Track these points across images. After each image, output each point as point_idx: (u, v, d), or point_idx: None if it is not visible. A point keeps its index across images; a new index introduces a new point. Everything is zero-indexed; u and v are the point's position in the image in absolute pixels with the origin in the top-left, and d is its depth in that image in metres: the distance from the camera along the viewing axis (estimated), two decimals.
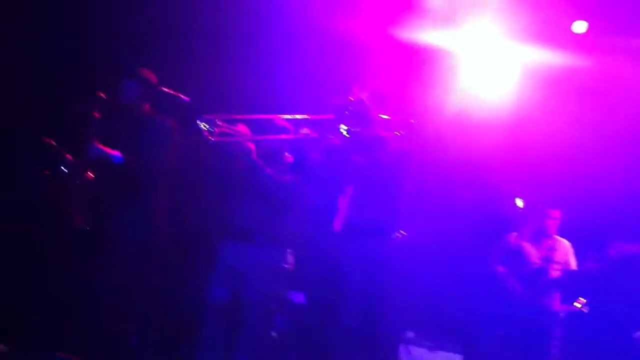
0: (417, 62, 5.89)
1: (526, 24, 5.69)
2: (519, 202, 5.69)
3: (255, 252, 4.36)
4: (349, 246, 4.62)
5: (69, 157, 4.53)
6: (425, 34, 5.84)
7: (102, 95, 4.55)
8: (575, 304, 5.63)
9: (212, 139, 4.19)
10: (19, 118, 5.34)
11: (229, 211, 4.47)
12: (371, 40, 5.91)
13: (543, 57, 5.75)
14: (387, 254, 4.66)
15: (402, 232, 4.67)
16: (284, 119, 4.42)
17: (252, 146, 4.37)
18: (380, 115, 4.65)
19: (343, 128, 4.36)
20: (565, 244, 5.86)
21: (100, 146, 4.54)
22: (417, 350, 5.95)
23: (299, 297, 5.54)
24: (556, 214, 5.80)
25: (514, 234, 5.86)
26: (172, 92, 4.66)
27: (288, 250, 4.46)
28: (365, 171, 4.64)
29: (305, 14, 5.85)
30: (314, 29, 5.89)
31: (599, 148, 5.82)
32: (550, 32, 5.75)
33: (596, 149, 5.81)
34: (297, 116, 4.45)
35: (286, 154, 4.58)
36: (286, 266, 4.44)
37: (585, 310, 5.60)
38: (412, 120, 4.66)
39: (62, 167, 4.47)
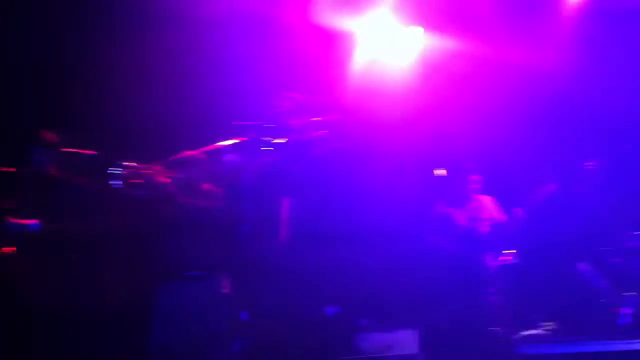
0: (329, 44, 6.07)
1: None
2: (437, 172, 5.83)
3: (193, 287, 4.41)
4: (299, 255, 4.64)
5: None
6: (332, 18, 6.08)
7: (6, 169, 4.40)
8: (505, 255, 5.85)
9: (131, 190, 4.20)
10: None
11: (164, 253, 4.52)
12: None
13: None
14: (338, 255, 4.71)
15: None
16: (201, 151, 4.42)
17: (165, 180, 4.49)
18: (308, 119, 4.66)
19: (268, 143, 4.35)
20: (488, 200, 6.08)
21: (15, 220, 4.43)
22: (373, 336, 5.99)
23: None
24: (475, 177, 6.01)
25: (439, 202, 6.01)
26: (74, 150, 4.61)
27: (225, 276, 4.50)
28: (307, 177, 4.64)
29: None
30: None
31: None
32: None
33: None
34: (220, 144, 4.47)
35: (205, 183, 4.59)
36: (225, 291, 4.47)
37: (514, 259, 5.83)
38: (339, 114, 4.69)
39: None
